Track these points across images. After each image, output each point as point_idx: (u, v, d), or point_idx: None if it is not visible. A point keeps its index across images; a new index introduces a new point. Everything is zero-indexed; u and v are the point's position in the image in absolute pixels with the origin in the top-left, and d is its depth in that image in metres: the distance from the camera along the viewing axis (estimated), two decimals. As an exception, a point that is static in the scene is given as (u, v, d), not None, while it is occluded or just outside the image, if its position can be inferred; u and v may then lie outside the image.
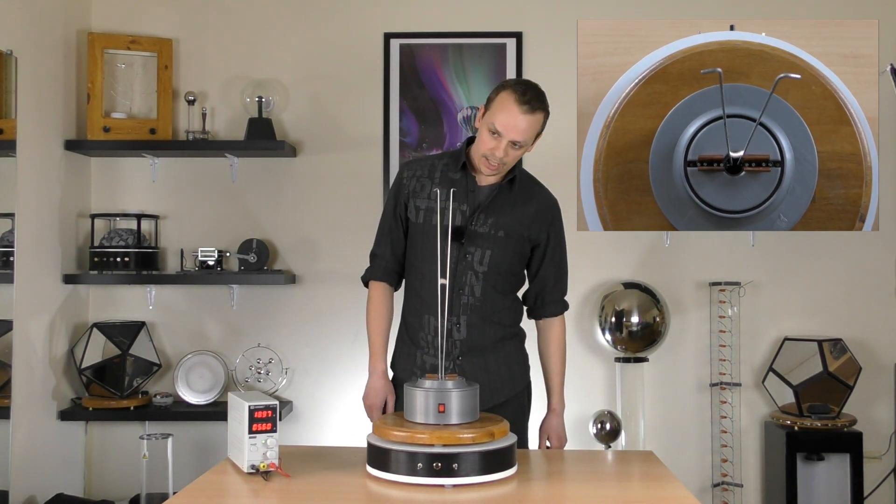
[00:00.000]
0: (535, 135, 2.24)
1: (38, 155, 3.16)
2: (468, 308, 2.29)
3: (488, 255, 2.29)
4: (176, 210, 3.55)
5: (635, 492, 1.91)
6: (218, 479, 1.92)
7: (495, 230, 2.29)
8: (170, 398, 3.39)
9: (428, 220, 2.30)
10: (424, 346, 2.34)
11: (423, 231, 2.31)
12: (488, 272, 2.29)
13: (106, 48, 3.42)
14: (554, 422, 2.45)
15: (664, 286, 3.49)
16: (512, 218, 2.31)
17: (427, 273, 2.30)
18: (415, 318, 2.36)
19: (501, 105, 2.19)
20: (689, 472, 3.48)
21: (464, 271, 2.28)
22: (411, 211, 2.33)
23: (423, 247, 2.31)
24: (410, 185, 2.35)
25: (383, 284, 2.40)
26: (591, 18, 3.54)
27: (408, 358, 2.38)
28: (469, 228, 2.27)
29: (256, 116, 3.43)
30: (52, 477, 3.25)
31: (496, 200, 2.30)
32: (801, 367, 3.30)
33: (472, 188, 2.30)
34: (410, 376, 2.33)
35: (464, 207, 2.28)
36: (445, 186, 2.29)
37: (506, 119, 2.17)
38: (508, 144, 2.20)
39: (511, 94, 2.18)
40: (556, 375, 2.46)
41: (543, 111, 2.21)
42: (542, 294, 2.43)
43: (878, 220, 3.49)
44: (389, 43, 3.54)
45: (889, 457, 3.46)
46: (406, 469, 1.82)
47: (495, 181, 2.32)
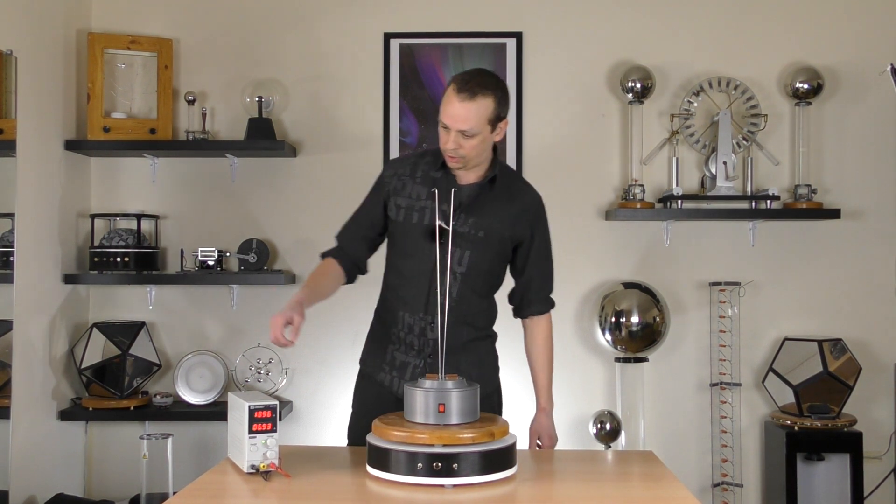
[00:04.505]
0: (485, 120, 2.18)
1: (38, 155, 3.16)
2: (443, 309, 2.28)
3: (467, 255, 2.28)
4: (176, 210, 3.55)
5: (635, 492, 1.91)
6: (218, 479, 1.92)
7: (475, 230, 2.27)
8: (170, 398, 3.39)
9: (408, 218, 2.29)
10: (396, 343, 2.33)
11: (403, 229, 2.30)
12: (467, 273, 2.28)
13: (106, 48, 3.42)
14: (544, 421, 2.44)
15: (664, 286, 3.49)
16: (493, 218, 2.29)
17: (407, 271, 2.30)
18: (389, 314, 2.35)
19: (445, 98, 2.19)
20: (689, 472, 3.48)
21: (442, 272, 2.26)
22: (392, 209, 2.32)
23: (402, 245, 2.32)
24: (392, 184, 2.34)
25: (335, 262, 2.36)
26: (590, 18, 3.54)
27: (378, 353, 2.37)
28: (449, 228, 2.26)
29: (256, 116, 3.43)
30: (52, 477, 3.25)
31: (478, 200, 2.29)
32: (801, 367, 3.30)
33: (452, 187, 2.28)
34: (379, 372, 2.35)
35: (444, 206, 2.26)
36: (427, 185, 2.28)
37: (448, 110, 2.17)
38: (458, 135, 2.17)
39: (452, 85, 2.18)
40: (544, 374, 2.44)
41: (488, 95, 2.16)
42: (528, 293, 2.41)
43: (878, 219, 3.49)
44: (389, 43, 3.54)
45: (889, 457, 3.46)
46: (406, 469, 1.82)
47: (476, 179, 2.30)
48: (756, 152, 3.47)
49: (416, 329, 2.29)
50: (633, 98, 3.43)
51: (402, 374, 2.32)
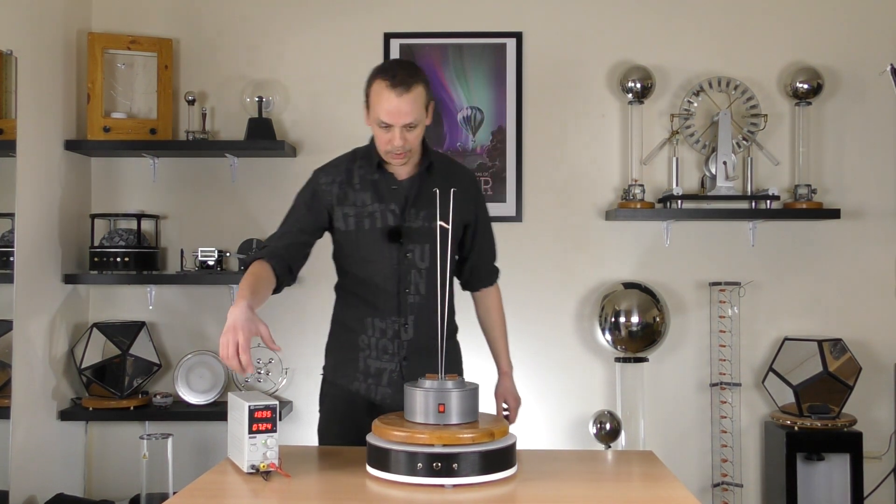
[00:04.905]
0: (423, 107, 2.18)
1: (38, 155, 3.16)
2: (415, 308, 2.28)
3: (428, 249, 2.27)
4: (176, 210, 3.55)
5: (635, 492, 1.91)
6: (218, 479, 1.92)
7: (429, 222, 2.26)
8: (170, 398, 3.39)
9: (360, 226, 2.26)
10: (367, 350, 2.31)
11: (356, 237, 2.26)
12: (431, 267, 2.28)
13: (106, 48, 3.42)
14: (507, 384, 2.48)
15: (664, 286, 3.49)
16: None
17: (369, 277, 2.28)
18: (356, 322, 2.32)
19: (377, 97, 2.16)
20: (689, 472, 3.48)
21: (407, 271, 2.26)
22: (338, 220, 2.28)
23: (358, 253, 2.28)
24: (333, 192, 2.28)
25: (268, 268, 2.18)
26: (590, 18, 3.54)
27: (348, 363, 2.33)
28: (404, 226, 2.25)
29: (256, 116, 3.43)
30: (52, 477, 3.25)
31: (422, 191, 2.27)
32: (801, 367, 3.30)
33: (393, 185, 2.27)
34: (352, 382, 2.32)
35: (392, 206, 2.26)
36: (369, 190, 2.26)
37: (387, 108, 2.14)
38: (402, 130, 2.16)
39: (381, 82, 2.15)
40: (501, 339, 2.50)
41: (419, 82, 2.16)
42: (478, 267, 2.44)
43: (879, 219, 3.49)
44: (389, 43, 3.54)
45: (889, 457, 3.46)
46: (406, 469, 1.82)
47: (413, 171, 2.29)
48: (756, 152, 3.47)
49: (388, 332, 2.28)
50: (633, 98, 3.43)
51: (379, 381, 2.30)
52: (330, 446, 2.27)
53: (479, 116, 3.53)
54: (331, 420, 2.36)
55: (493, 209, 3.52)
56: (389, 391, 2.29)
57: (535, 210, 3.54)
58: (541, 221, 3.54)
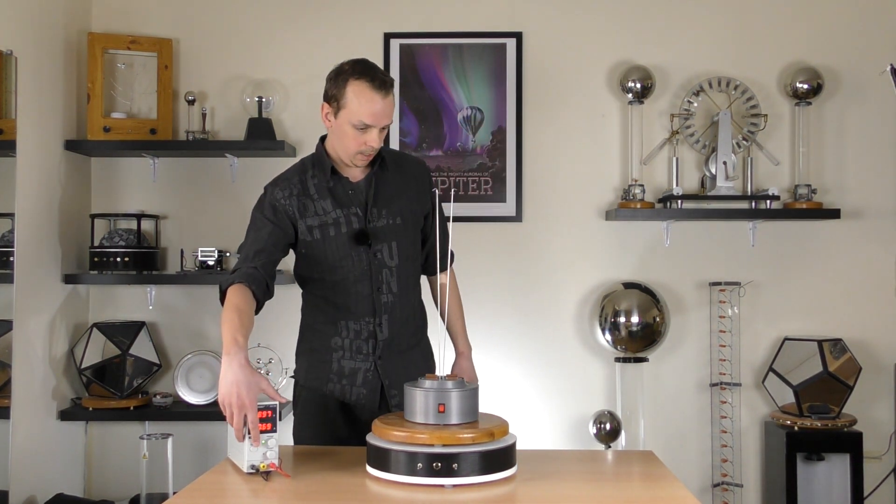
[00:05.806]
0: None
1: (38, 155, 3.16)
2: (389, 307, 2.29)
3: (395, 246, 2.29)
4: (176, 210, 3.55)
5: (635, 492, 1.91)
6: (218, 479, 1.92)
7: (391, 219, 2.28)
8: (170, 398, 3.39)
9: (325, 234, 2.26)
10: (340, 351, 2.31)
11: (324, 246, 2.26)
12: (400, 264, 2.29)
13: (106, 48, 3.42)
14: (464, 364, 2.48)
15: (664, 286, 3.49)
16: (400, 200, 2.31)
17: (341, 282, 2.28)
18: (329, 325, 2.31)
19: (358, 98, 2.15)
20: (689, 472, 3.48)
21: (378, 270, 2.27)
22: (303, 232, 2.27)
23: (325, 260, 2.27)
24: (293, 206, 2.26)
25: (248, 293, 2.13)
26: (590, 18, 3.54)
27: (320, 366, 2.32)
28: (369, 227, 2.26)
29: (256, 116, 3.43)
30: (52, 477, 3.25)
31: (379, 190, 2.29)
32: (801, 367, 3.30)
33: (350, 188, 2.28)
34: (326, 384, 2.31)
35: (354, 210, 2.26)
36: (328, 197, 2.26)
37: (373, 109, 2.15)
38: (380, 131, 2.19)
39: (363, 83, 2.15)
40: (458, 320, 2.50)
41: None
42: (434, 252, 2.43)
43: (878, 219, 3.49)
44: (389, 43, 3.54)
45: (889, 457, 3.46)
46: (406, 469, 1.82)
47: (365, 171, 2.30)
48: (756, 152, 3.47)
49: (363, 333, 2.29)
50: (633, 98, 3.43)
51: (353, 381, 2.30)
52: (330, 446, 2.26)
53: (479, 116, 3.53)
54: (304, 423, 2.35)
55: (493, 209, 3.55)
56: (364, 391, 2.30)
57: (535, 210, 3.54)
58: (541, 221, 3.54)
